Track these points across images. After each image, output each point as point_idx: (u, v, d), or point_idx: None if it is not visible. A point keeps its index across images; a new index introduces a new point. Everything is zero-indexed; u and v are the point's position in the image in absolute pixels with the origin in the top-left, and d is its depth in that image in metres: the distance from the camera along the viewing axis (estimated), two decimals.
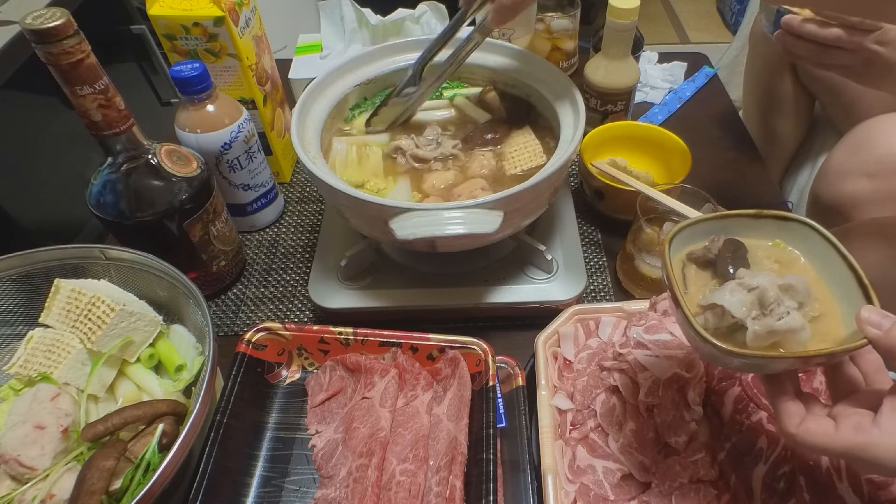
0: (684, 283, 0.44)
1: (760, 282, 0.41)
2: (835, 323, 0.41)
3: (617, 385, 0.56)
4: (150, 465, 0.48)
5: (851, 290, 0.41)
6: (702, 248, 0.45)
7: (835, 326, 0.41)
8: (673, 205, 0.66)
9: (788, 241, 0.46)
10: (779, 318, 0.40)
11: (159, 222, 0.63)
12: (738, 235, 0.45)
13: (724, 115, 1.01)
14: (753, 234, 0.46)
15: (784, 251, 0.45)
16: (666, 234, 0.45)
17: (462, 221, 0.54)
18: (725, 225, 0.46)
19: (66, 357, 0.55)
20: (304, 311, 0.74)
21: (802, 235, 0.45)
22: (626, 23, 0.80)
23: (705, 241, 0.46)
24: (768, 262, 0.45)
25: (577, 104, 0.65)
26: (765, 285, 0.40)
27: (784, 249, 0.46)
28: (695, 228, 0.46)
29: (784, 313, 0.40)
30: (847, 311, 0.41)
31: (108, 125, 0.57)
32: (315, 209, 0.87)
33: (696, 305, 0.43)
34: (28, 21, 0.49)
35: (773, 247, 0.46)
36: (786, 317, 0.40)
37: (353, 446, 0.55)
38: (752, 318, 0.40)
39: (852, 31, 0.66)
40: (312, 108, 0.69)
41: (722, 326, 0.41)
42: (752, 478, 0.50)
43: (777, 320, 0.40)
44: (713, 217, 0.46)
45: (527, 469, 0.54)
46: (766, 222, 0.45)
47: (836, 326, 0.41)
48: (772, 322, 0.40)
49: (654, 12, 2.74)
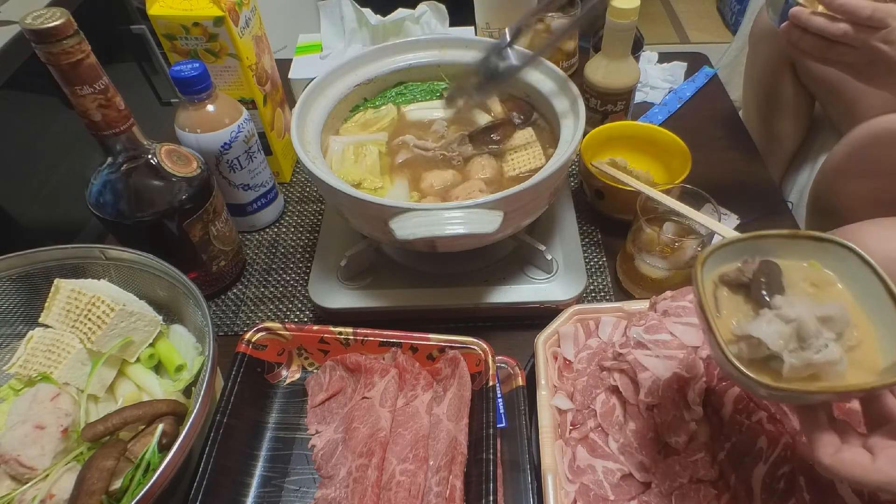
0: (716, 307, 0.42)
1: (799, 313, 0.39)
2: (872, 350, 0.40)
3: (617, 385, 0.56)
4: (150, 465, 0.48)
5: (890, 316, 0.39)
6: (735, 270, 0.44)
7: (872, 354, 0.40)
8: (673, 205, 0.66)
9: (824, 263, 0.44)
10: (817, 350, 0.38)
11: (159, 222, 0.63)
12: (772, 256, 0.44)
13: (724, 115, 1.01)
14: (788, 255, 0.44)
15: (820, 273, 0.44)
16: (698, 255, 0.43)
17: (462, 221, 0.54)
18: (759, 245, 0.44)
19: (66, 357, 0.55)
20: (304, 311, 0.74)
21: (839, 257, 0.43)
22: (626, 23, 0.80)
23: (737, 262, 0.44)
24: (804, 285, 0.43)
25: (577, 104, 0.65)
26: (803, 318, 0.39)
27: (820, 271, 0.44)
28: (727, 249, 0.44)
29: (822, 346, 0.38)
30: (885, 337, 0.40)
31: (108, 125, 0.57)
32: (315, 209, 0.87)
33: (730, 332, 0.41)
34: (28, 21, 0.49)
35: (808, 268, 0.44)
36: (824, 350, 0.38)
37: (353, 446, 0.55)
38: (790, 350, 0.38)
39: (859, 27, 0.66)
40: (312, 108, 0.69)
41: (757, 357, 0.39)
42: (752, 478, 0.50)
43: (815, 353, 0.38)
44: (746, 237, 0.44)
45: (527, 469, 0.54)
46: (801, 243, 0.44)
47: (872, 354, 0.40)
48: (810, 355, 0.38)
49: (654, 12, 2.74)
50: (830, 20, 0.66)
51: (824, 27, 0.67)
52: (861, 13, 0.65)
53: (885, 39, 0.66)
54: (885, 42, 0.66)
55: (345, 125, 0.75)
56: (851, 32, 0.66)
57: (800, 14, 0.68)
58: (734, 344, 0.40)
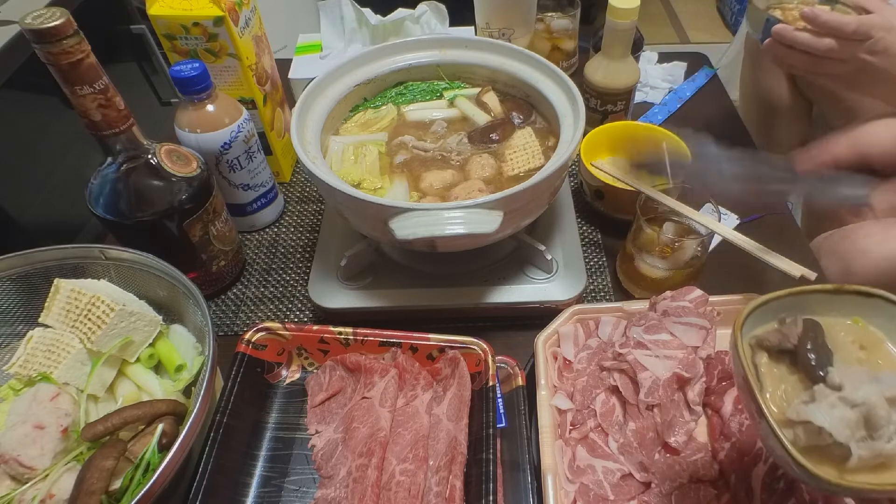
0: (758, 378, 0.37)
1: (867, 396, 0.34)
2: None
3: (617, 385, 0.56)
4: (149, 465, 0.49)
5: None
6: (775, 333, 0.39)
7: None
8: (673, 205, 0.66)
9: (869, 319, 0.40)
10: (889, 439, 0.34)
11: (159, 222, 0.63)
12: (810, 313, 0.40)
13: (724, 115, 1.01)
14: (829, 311, 0.40)
15: (865, 331, 0.40)
16: (735, 319, 0.38)
17: (462, 221, 0.54)
18: (798, 302, 0.40)
19: (65, 357, 0.55)
20: (303, 311, 0.74)
21: (887, 313, 0.39)
22: (626, 23, 0.80)
23: (774, 322, 0.40)
24: (852, 348, 0.39)
25: (576, 104, 0.65)
26: (872, 402, 0.34)
27: (865, 329, 0.40)
28: (763, 308, 0.39)
29: (894, 433, 0.34)
30: None
31: (107, 125, 0.57)
32: (315, 209, 0.87)
33: (780, 412, 0.36)
34: (28, 21, 0.49)
35: (851, 325, 0.40)
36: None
37: (353, 446, 0.55)
38: (858, 440, 0.34)
39: (844, 41, 0.66)
40: (312, 108, 0.69)
41: (814, 444, 0.35)
42: (752, 478, 0.50)
43: (887, 442, 0.33)
44: (785, 294, 0.40)
45: (527, 469, 0.54)
46: (845, 298, 0.40)
47: None
48: (881, 445, 0.33)
49: (654, 12, 2.74)
50: (815, 35, 0.66)
51: (810, 43, 0.67)
52: (846, 29, 0.65)
53: (871, 50, 0.66)
54: (871, 53, 0.67)
55: (344, 125, 0.75)
56: (837, 47, 0.66)
57: (784, 31, 0.68)
58: (788, 428, 0.35)
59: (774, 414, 0.35)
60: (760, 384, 0.37)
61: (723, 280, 0.70)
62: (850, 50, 0.66)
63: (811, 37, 0.66)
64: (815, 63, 0.69)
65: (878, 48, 0.66)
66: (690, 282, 0.68)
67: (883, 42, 0.66)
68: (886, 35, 0.66)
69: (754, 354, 0.39)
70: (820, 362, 0.37)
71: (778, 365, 0.39)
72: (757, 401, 0.34)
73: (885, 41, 0.66)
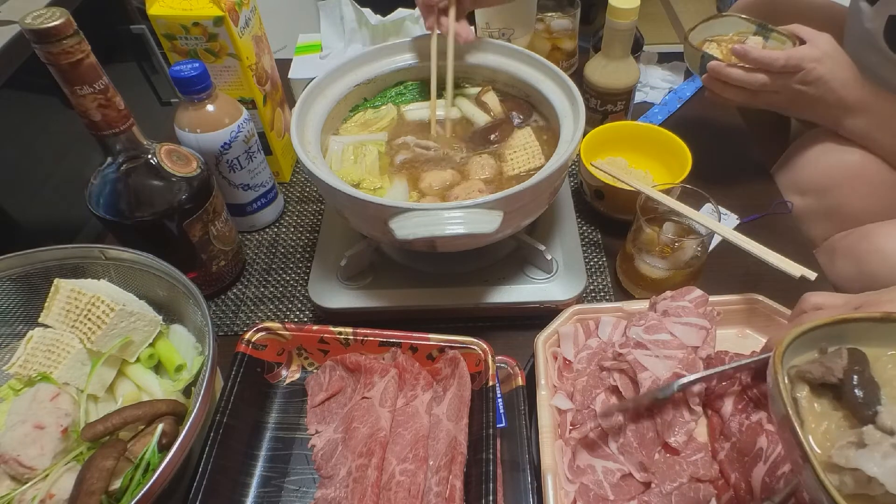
0: (798, 414, 0.34)
1: None
2: None
3: (617, 385, 0.56)
4: (149, 465, 0.48)
5: None
6: (817, 366, 0.36)
7: None
8: (673, 205, 0.66)
9: None
10: None
11: (159, 222, 0.63)
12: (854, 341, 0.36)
13: (724, 115, 1.01)
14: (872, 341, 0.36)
15: None
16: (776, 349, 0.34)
17: (462, 221, 0.54)
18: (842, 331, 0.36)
19: (65, 357, 0.55)
20: (303, 311, 0.74)
21: None
22: (626, 23, 0.80)
23: (814, 351, 0.37)
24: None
25: (576, 104, 0.65)
26: None
27: None
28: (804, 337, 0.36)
29: None
30: None
31: (107, 125, 0.57)
32: (315, 209, 0.87)
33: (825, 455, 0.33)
34: (28, 21, 0.49)
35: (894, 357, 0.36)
36: None
37: (353, 446, 0.55)
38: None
39: (776, 75, 0.68)
40: (312, 108, 0.69)
41: (861, 492, 0.32)
42: (752, 478, 0.50)
43: None
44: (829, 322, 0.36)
45: (527, 469, 0.54)
46: (892, 326, 0.36)
47: None
48: None
49: (654, 12, 2.74)
50: (748, 71, 0.68)
51: (743, 79, 0.69)
52: (775, 64, 0.67)
53: (803, 81, 0.68)
54: (803, 84, 0.69)
55: (344, 125, 0.75)
56: (769, 81, 0.68)
57: (718, 68, 0.70)
58: (833, 473, 0.32)
59: (818, 456, 0.33)
60: (801, 420, 0.34)
61: (723, 280, 0.70)
62: (782, 83, 0.68)
63: (743, 73, 0.69)
64: (751, 96, 0.71)
65: (810, 79, 0.68)
66: (690, 282, 0.68)
67: (815, 73, 0.68)
68: (817, 66, 0.67)
69: (793, 388, 0.36)
70: (868, 400, 0.34)
71: (819, 399, 0.35)
72: (801, 443, 0.31)
73: (817, 72, 0.68)
